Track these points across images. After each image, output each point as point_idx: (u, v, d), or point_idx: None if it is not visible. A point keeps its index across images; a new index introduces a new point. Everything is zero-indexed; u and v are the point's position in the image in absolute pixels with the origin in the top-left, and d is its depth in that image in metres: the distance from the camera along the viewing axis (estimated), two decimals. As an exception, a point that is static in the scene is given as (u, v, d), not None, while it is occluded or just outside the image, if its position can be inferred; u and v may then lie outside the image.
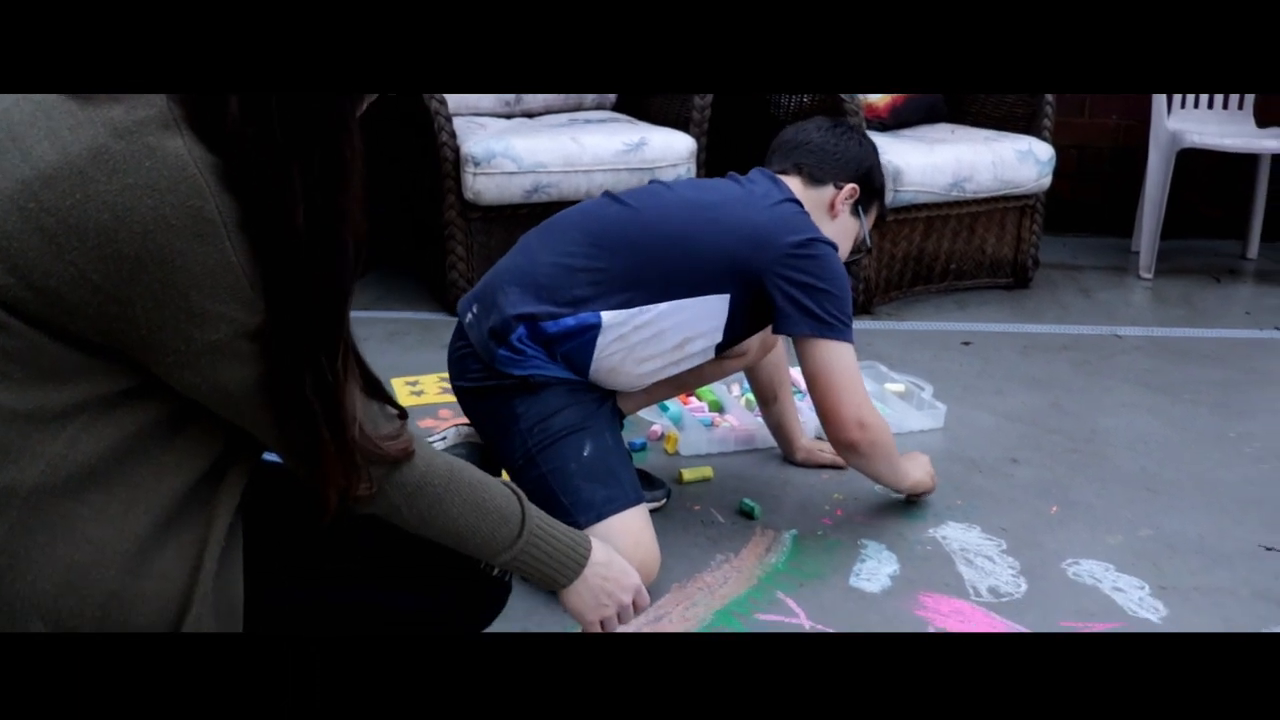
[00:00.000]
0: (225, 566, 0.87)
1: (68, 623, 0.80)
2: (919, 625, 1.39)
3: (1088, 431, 2.05)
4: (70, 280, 0.74)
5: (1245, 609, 1.45)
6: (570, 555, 1.02)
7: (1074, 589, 1.49)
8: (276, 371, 0.80)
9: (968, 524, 1.67)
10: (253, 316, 0.77)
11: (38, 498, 0.78)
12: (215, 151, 0.74)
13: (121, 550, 0.81)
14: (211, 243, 0.74)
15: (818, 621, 1.39)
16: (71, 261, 0.73)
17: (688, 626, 1.36)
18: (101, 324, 0.75)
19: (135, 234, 0.73)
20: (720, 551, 1.57)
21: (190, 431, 0.83)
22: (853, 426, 1.47)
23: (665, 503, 1.68)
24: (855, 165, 1.62)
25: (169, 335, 0.76)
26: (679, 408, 1.98)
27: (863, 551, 1.58)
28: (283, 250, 0.77)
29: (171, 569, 0.83)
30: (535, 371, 1.45)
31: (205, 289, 0.75)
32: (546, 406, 1.44)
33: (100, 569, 0.80)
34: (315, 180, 0.77)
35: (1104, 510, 1.73)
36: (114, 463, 0.80)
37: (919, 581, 1.50)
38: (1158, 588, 1.50)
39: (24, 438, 0.77)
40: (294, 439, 0.83)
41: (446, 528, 0.94)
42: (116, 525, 0.81)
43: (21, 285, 0.74)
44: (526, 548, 0.98)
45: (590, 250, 1.47)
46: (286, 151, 0.75)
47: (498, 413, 1.47)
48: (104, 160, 0.72)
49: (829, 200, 1.60)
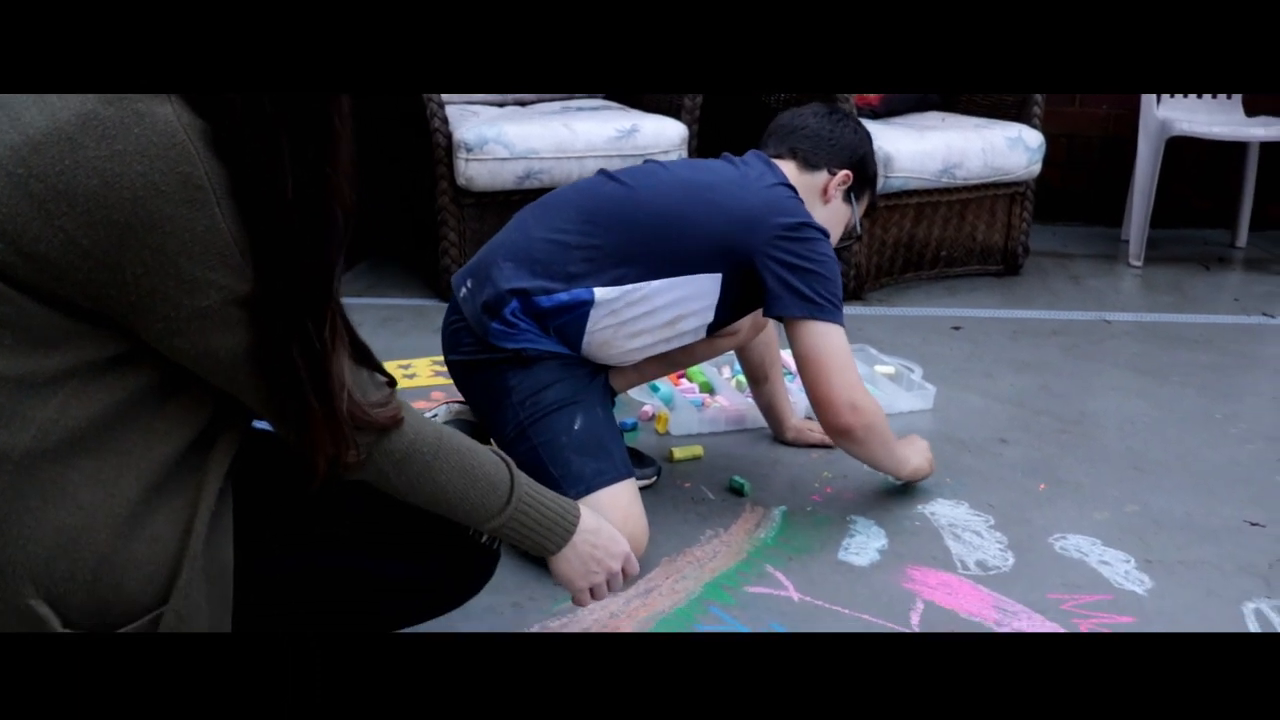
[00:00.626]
0: (215, 532, 0.87)
1: (59, 586, 0.81)
2: (906, 598, 1.40)
3: (1076, 413, 2.06)
4: (60, 246, 0.74)
5: (1228, 582, 1.46)
6: (559, 522, 1.03)
7: (1061, 562, 1.51)
8: (265, 339, 0.81)
9: (956, 500, 1.68)
10: (242, 283, 0.78)
11: (29, 463, 0.79)
12: (204, 118, 0.75)
13: (112, 515, 0.82)
14: (201, 208, 0.75)
15: (806, 594, 1.40)
16: (61, 227, 0.74)
17: (676, 599, 1.37)
18: (91, 290, 0.76)
19: (124, 199, 0.73)
20: (710, 527, 1.58)
21: (180, 398, 0.84)
22: (845, 410, 1.47)
23: (656, 480, 1.69)
24: (849, 152, 1.63)
25: (158, 301, 0.77)
26: (670, 388, 1.99)
27: (851, 527, 1.59)
28: (271, 217, 0.78)
29: (162, 533, 0.84)
30: (528, 345, 1.46)
31: (194, 255, 0.76)
32: (539, 380, 1.46)
33: (91, 533, 0.81)
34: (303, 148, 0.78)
35: (1091, 488, 1.74)
36: (104, 428, 0.81)
37: (907, 556, 1.51)
38: (1143, 561, 1.51)
39: (15, 403, 0.78)
40: (282, 406, 0.84)
41: (435, 494, 0.95)
42: (107, 490, 0.81)
43: (11, 251, 0.75)
44: (515, 514, 0.99)
45: (585, 227, 1.48)
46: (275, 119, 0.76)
47: (490, 386, 1.48)
48: (93, 126, 0.73)
49: (822, 185, 1.61)
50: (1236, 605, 1.40)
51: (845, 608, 1.37)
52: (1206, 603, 1.41)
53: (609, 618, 1.32)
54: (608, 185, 1.54)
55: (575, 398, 1.46)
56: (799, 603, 1.38)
